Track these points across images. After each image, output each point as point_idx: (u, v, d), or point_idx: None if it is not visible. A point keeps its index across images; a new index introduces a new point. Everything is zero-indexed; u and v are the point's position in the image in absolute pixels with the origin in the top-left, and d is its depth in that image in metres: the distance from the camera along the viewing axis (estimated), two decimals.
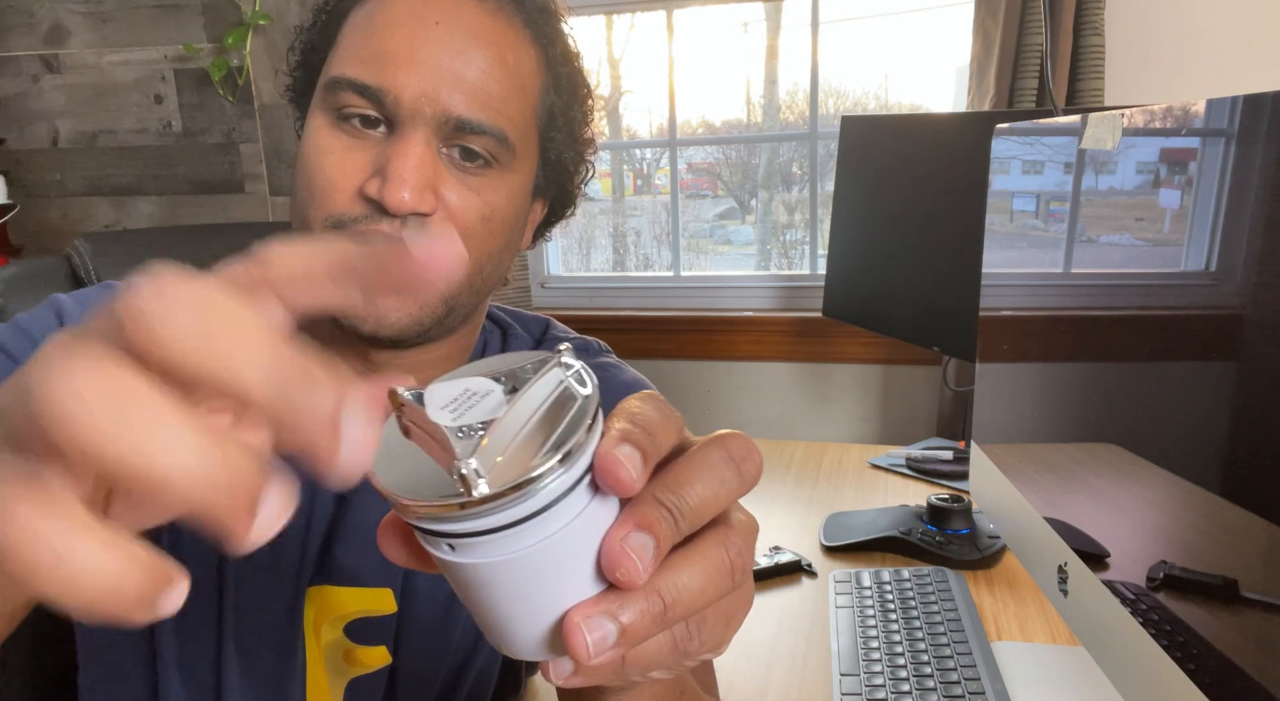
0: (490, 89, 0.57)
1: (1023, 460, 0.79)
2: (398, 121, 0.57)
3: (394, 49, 0.56)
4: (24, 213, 2.13)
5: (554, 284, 2.07)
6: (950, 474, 1.33)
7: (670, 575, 0.27)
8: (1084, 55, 1.51)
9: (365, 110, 0.57)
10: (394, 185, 0.55)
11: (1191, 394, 0.51)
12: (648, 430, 0.26)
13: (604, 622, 0.26)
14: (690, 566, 0.27)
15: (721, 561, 0.27)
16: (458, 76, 0.56)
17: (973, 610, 0.90)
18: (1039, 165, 0.79)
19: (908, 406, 1.84)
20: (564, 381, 0.27)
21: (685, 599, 0.27)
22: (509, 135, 0.59)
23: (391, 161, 0.55)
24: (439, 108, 0.56)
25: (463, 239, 0.59)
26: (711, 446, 0.28)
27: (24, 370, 0.22)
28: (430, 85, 0.56)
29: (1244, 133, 0.47)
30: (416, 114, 0.56)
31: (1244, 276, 0.46)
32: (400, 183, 0.54)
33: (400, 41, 0.56)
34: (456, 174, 0.58)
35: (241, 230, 1.32)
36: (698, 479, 0.27)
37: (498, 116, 0.58)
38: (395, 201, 0.55)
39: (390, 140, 0.57)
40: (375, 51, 0.56)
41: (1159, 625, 0.53)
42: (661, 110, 2.01)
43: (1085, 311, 0.68)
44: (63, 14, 2.07)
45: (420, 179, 0.55)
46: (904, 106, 1.97)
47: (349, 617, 0.66)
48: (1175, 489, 0.52)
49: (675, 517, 0.26)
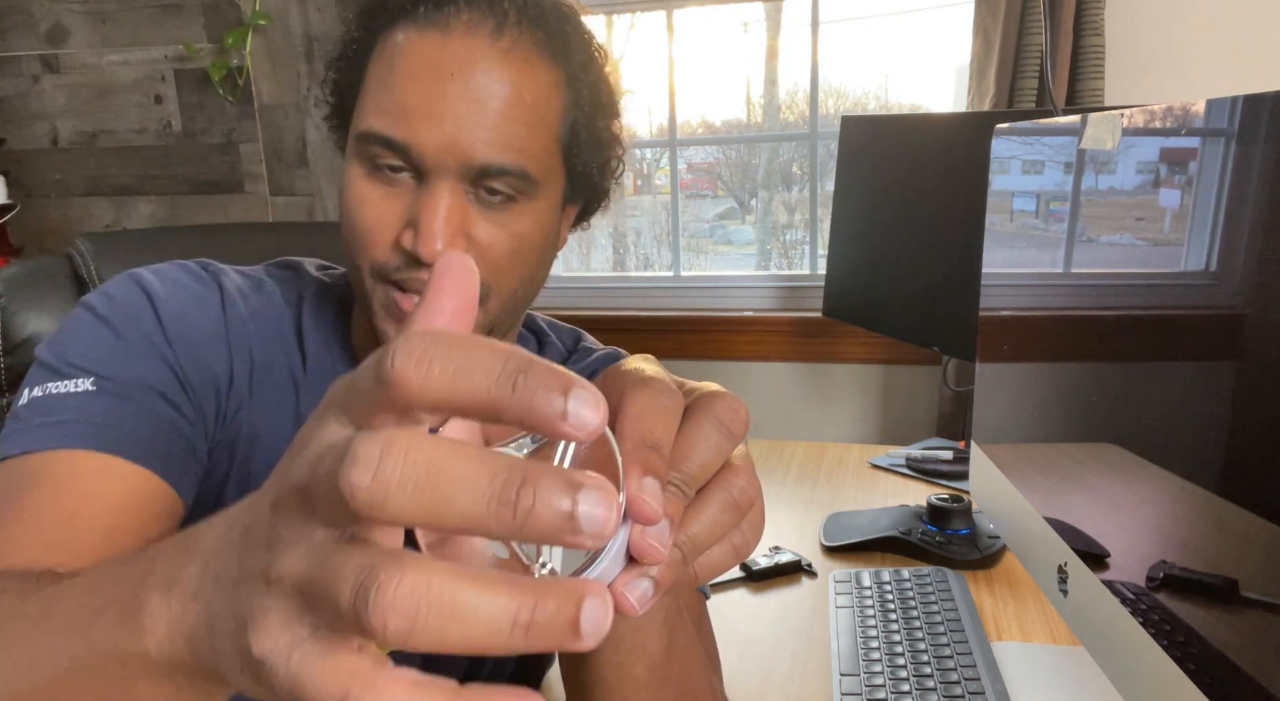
0: (510, 130, 0.60)
1: (1023, 460, 0.79)
2: (424, 171, 0.60)
3: (413, 103, 0.59)
4: (24, 213, 2.14)
5: (554, 284, 2.07)
6: (950, 474, 1.33)
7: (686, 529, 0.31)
8: (1084, 55, 1.51)
9: (395, 161, 0.60)
10: (426, 238, 0.59)
11: (1191, 394, 0.51)
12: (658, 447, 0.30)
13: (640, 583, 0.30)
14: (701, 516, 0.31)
15: (727, 502, 0.32)
16: (476, 125, 0.59)
17: (973, 610, 0.90)
18: (1039, 165, 0.79)
19: (908, 406, 1.84)
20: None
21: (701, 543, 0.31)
22: (530, 171, 0.61)
23: (422, 215, 0.59)
24: (461, 158, 0.59)
25: (495, 271, 0.62)
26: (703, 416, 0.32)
27: (290, 465, 0.25)
28: (450, 137, 0.58)
29: (1244, 133, 0.47)
30: (441, 165, 0.59)
31: (1244, 276, 0.46)
32: (431, 236, 0.59)
33: (418, 96, 0.59)
34: (483, 211, 0.61)
35: (241, 230, 1.32)
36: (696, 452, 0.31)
37: (518, 155, 0.60)
38: (429, 253, 0.59)
39: (419, 190, 0.60)
40: (397, 105, 0.59)
41: (1159, 625, 0.53)
42: (661, 110, 2.01)
43: (1085, 311, 0.68)
44: (63, 14, 2.07)
45: (450, 229, 0.59)
46: (904, 106, 1.97)
47: None
48: (1175, 489, 0.52)
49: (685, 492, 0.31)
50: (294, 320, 0.69)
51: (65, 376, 0.58)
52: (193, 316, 0.63)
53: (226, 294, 0.66)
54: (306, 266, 0.74)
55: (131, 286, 0.63)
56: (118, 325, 0.61)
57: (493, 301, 0.63)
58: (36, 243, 2.17)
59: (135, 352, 0.60)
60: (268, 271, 0.72)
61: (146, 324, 0.61)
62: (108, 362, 0.59)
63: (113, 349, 0.60)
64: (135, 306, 0.62)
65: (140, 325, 0.61)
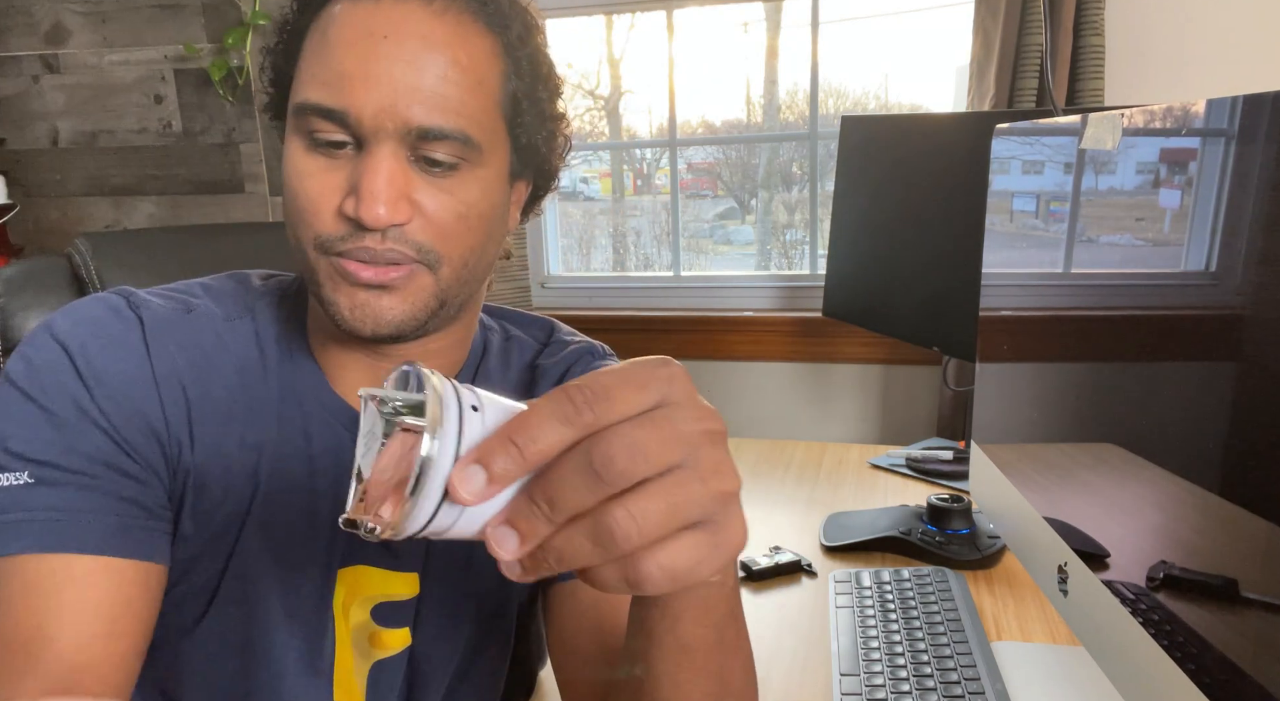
0: (447, 93, 0.59)
1: (1023, 460, 0.79)
2: (363, 139, 0.59)
3: (348, 69, 0.58)
4: (24, 213, 2.13)
5: (554, 284, 2.07)
6: (950, 474, 1.33)
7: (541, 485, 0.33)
8: (1084, 55, 1.51)
9: (333, 135, 0.59)
10: (368, 202, 0.57)
11: (1191, 394, 0.51)
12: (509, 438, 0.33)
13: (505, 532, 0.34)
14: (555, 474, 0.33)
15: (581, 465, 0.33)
16: (413, 87, 0.58)
17: (973, 610, 0.90)
18: (1039, 165, 0.79)
19: (908, 406, 1.84)
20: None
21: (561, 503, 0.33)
22: (472, 135, 0.60)
23: (363, 179, 0.58)
24: (399, 120, 0.58)
25: (442, 239, 0.61)
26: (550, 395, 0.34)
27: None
28: (387, 100, 0.57)
29: (1244, 133, 0.47)
30: (379, 130, 0.58)
31: (1244, 276, 0.46)
32: (373, 199, 0.57)
33: (353, 61, 0.58)
34: (427, 178, 0.60)
35: (241, 230, 1.32)
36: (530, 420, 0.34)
37: (458, 118, 0.59)
38: (371, 217, 0.57)
39: (360, 157, 0.59)
40: (332, 73, 0.58)
41: (1159, 625, 0.53)
42: (661, 110, 2.01)
43: (1085, 311, 0.68)
44: (63, 14, 2.07)
45: (392, 192, 0.58)
46: (904, 106, 1.97)
47: (376, 599, 0.68)
48: (1175, 489, 0.52)
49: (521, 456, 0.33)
50: (252, 334, 0.67)
51: (2, 468, 0.57)
52: (116, 365, 0.61)
53: (149, 330, 0.63)
54: (252, 278, 0.72)
55: (49, 344, 0.61)
56: (42, 399, 0.59)
57: (444, 270, 0.62)
58: (36, 243, 2.16)
59: (66, 427, 0.58)
60: (205, 288, 0.69)
61: (71, 387, 0.59)
62: (40, 448, 0.58)
63: (42, 430, 0.58)
64: (57, 370, 0.60)
65: (65, 391, 0.59)
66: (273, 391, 0.66)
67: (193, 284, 0.70)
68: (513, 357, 0.76)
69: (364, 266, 0.60)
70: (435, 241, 0.61)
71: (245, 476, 0.64)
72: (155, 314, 0.64)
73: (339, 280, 0.61)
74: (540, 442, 0.33)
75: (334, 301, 0.61)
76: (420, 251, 0.60)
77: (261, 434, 0.65)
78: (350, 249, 0.59)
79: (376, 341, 0.63)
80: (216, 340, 0.66)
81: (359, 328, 0.61)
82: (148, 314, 0.64)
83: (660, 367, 0.36)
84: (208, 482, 0.63)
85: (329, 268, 0.61)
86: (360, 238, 0.59)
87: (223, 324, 0.66)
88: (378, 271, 0.60)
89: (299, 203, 0.60)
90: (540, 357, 0.76)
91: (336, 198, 0.59)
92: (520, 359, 0.76)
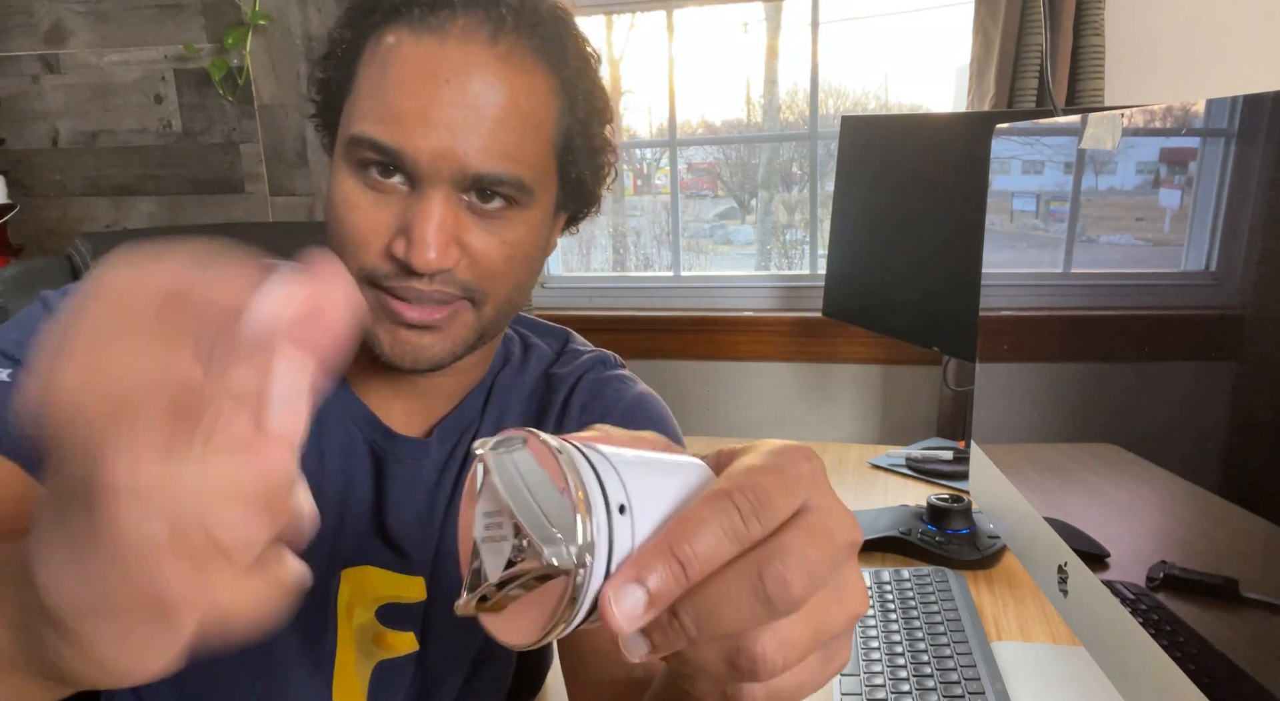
0: (506, 139, 0.58)
1: (1023, 460, 0.79)
2: (417, 179, 0.58)
3: (408, 109, 0.57)
4: (24, 213, 2.13)
5: (554, 284, 2.07)
6: (950, 474, 1.33)
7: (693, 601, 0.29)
8: (1084, 55, 1.51)
9: (386, 165, 0.59)
10: (419, 248, 0.57)
11: (1191, 394, 0.51)
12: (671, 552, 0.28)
13: (637, 641, 0.30)
14: (714, 593, 0.29)
15: (748, 587, 0.28)
16: (472, 132, 0.57)
17: (973, 610, 0.90)
18: (1039, 165, 0.79)
19: (908, 406, 1.84)
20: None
21: (713, 625, 0.28)
22: (526, 179, 0.60)
23: (414, 225, 0.58)
24: (456, 165, 0.57)
25: (489, 278, 0.61)
26: (719, 495, 0.29)
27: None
28: (445, 145, 0.57)
29: (1244, 133, 0.47)
30: (435, 173, 0.57)
31: (1244, 276, 0.46)
32: (424, 246, 0.57)
33: (414, 103, 0.57)
34: (477, 219, 0.60)
35: (241, 230, 1.32)
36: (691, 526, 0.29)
37: (514, 164, 0.59)
38: (421, 262, 0.57)
39: (412, 197, 0.59)
40: (390, 110, 0.58)
41: (1159, 625, 0.53)
42: (661, 110, 2.01)
43: (1085, 311, 0.68)
44: (63, 14, 2.07)
45: (443, 238, 0.58)
46: (904, 106, 1.97)
47: (382, 600, 0.68)
48: (1175, 489, 0.52)
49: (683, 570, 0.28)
50: None
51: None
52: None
53: None
54: None
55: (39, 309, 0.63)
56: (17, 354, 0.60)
57: (487, 308, 0.62)
58: (36, 243, 2.16)
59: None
60: None
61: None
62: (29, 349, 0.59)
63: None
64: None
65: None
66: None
67: None
68: (529, 366, 0.76)
69: (409, 307, 0.60)
70: (481, 281, 0.61)
71: None
72: None
73: (383, 316, 0.61)
74: (704, 561, 0.28)
75: (376, 335, 0.61)
76: (466, 290, 0.61)
77: None
78: (397, 287, 0.59)
79: (414, 374, 0.64)
80: None
81: (399, 363, 0.62)
82: None
83: (803, 462, 0.31)
84: None
85: (374, 301, 0.61)
86: (407, 278, 0.59)
87: None
88: (423, 313, 0.60)
89: (346, 233, 0.60)
90: (555, 366, 0.76)
91: (386, 234, 0.59)
92: (536, 366, 0.76)
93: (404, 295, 0.60)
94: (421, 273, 0.58)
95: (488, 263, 0.61)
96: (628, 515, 0.29)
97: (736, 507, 0.28)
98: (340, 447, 0.67)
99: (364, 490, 0.68)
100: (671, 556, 0.28)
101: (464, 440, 0.71)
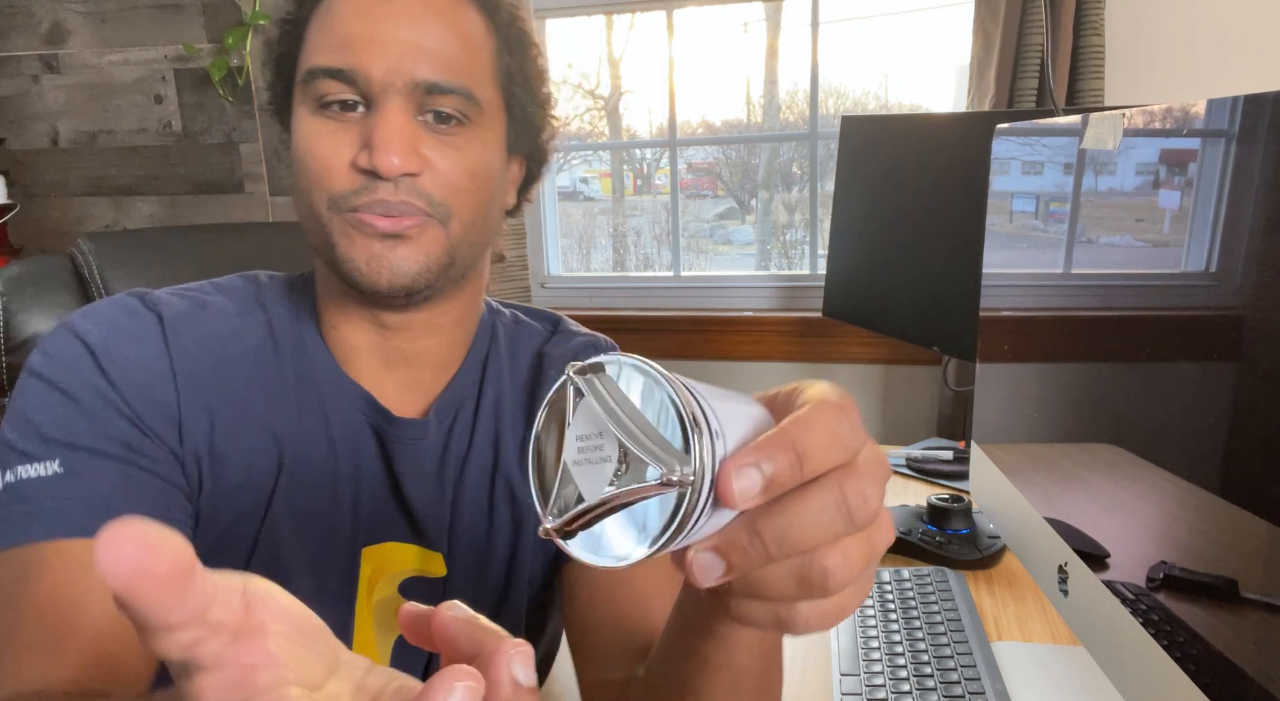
0: (450, 53, 0.63)
1: (1023, 460, 0.79)
2: (373, 98, 0.61)
3: (356, 32, 0.61)
4: (24, 213, 2.14)
5: (554, 284, 2.07)
6: (950, 474, 1.33)
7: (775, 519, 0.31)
8: (1084, 55, 1.51)
9: (343, 95, 0.61)
10: (381, 152, 0.60)
11: (1191, 394, 0.51)
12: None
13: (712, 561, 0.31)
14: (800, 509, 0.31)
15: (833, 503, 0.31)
16: (418, 46, 0.61)
17: (973, 610, 0.90)
18: (1039, 165, 0.79)
19: (908, 406, 1.84)
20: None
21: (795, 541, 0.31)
22: (475, 93, 0.64)
23: (375, 132, 0.60)
24: (407, 77, 0.61)
25: (452, 194, 0.64)
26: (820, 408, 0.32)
27: None
28: (395, 58, 0.61)
29: (1244, 133, 0.47)
30: (389, 87, 0.61)
31: (1244, 276, 0.46)
32: (387, 149, 0.60)
33: (360, 24, 0.61)
34: (435, 136, 0.63)
35: (241, 230, 1.32)
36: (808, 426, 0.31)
37: (462, 76, 0.63)
38: (386, 166, 0.60)
39: (370, 115, 0.62)
40: (339, 38, 0.61)
41: (1159, 625, 0.53)
42: (661, 110, 2.01)
43: (1085, 311, 0.68)
44: (63, 14, 2.07)
45: (404, 142, 0.61)
46: (904, 106, 1.98)
47: (406, 574, 0.70)
48: (1175, 489, 0.53)
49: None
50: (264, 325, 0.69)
51: (32, 457, 0.58)
52: (134, 358, 0.62)
53: (168, 325, 0.65)
54: (260, 276, 0.73)
55: (69, 340, 0.62)
56: (68, 387, 0.60)
57: (454, 224, 0.64)
58: (36, 243, 2.17)
59: (91, 414, 0.60)
60: (216, 286, 0.71)
61: (93, 378, 0.61)
62: (69, 433, 0.59)
63: (69, 416, 0.59)
64: (78, 362, 0.61)
65: (88, 381, 0.60)
66: (289, 379, 0.67)
67: (204, 283, 0.71)
68: (521, 344, 0.77)
69: (379, 218, 0.62)
70: (446, 195, 0.63)
71: (268, 462, 0.66)
72: (172, 309, 0.66)
73: (354, 234, 0.62)
74: (818, 461, 0.30)
75: (349, 257, 0.63)
76: (431, 204, 0.63)
77: (281, 420, 0.66)
78: (365, 202, 0.61)
79: (389, 298, 0.64)
80: (231, 333, 0.67)
81: (375, 280, 0.63)
82: (165, 310, 0.66)
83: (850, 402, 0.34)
84: (228, 470, 0.64)
85: (343, 225, 0.62)
86: (374, 189, 0.61)
87: (236, 318, 0.68)
88: (392, 221, 0.62)
89: (311, 164, 0.62)
90: (547, 345, 0.77)
91: (349, 153, 0.62)
92: (529, 344, 0.77)
93: (372, 208, 0.61)
94: (386, 175, 0.60)
95: (449, 177, 0.63)
96: (721, 439, 0.30)
97: (846, 417, 0.32)
98: (347, 433, 0.68)
99: (375, 470, 0.70)
100: (792, 449, 0.30)
101: (460, 418, 0.72)
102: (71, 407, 0.60)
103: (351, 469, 0.68)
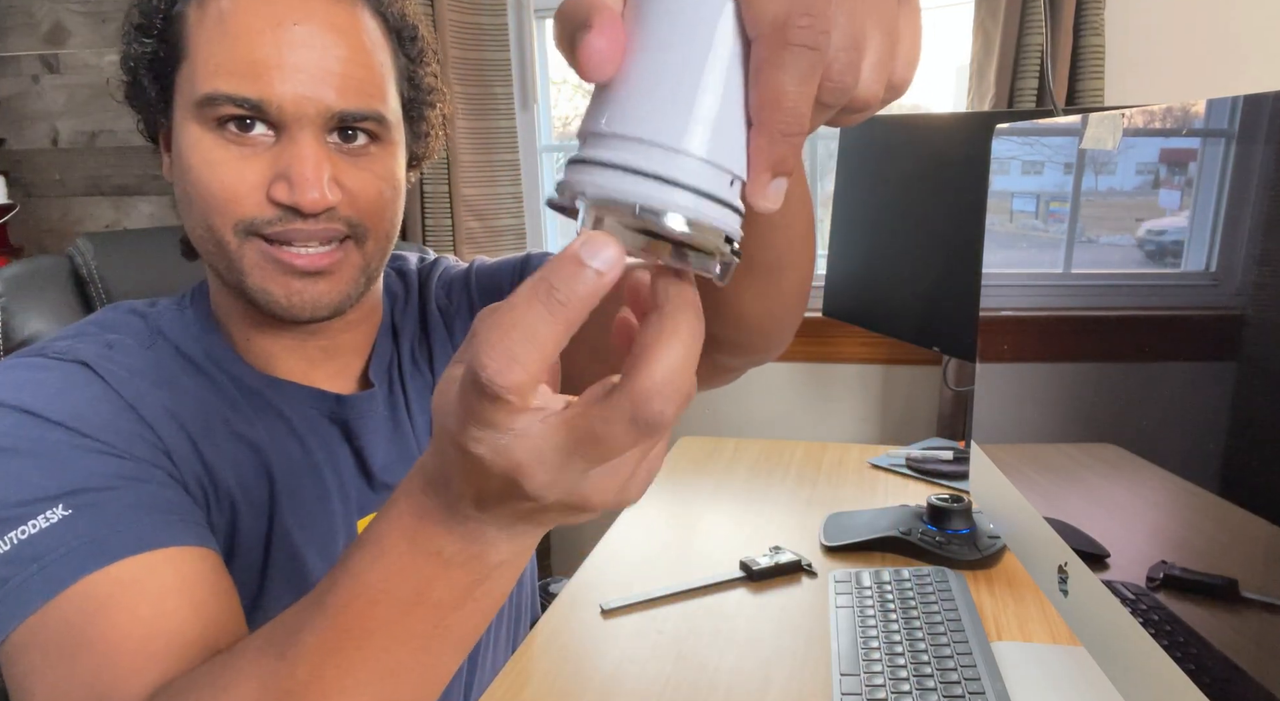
0: (359, 76, 0.61)
1: (1023, 460, 0.79)
2: (282, 126, 0.60)
3: (261, 58, 0.58)
4: (24, 213, 2.13)
5: None
6: (950, 474, 1.33)
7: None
8: (1084, 55, 1.51)
9: (244, 118, 0.59)
10: (302, 189, 0.59)
11: (1191, 394, 0.51)
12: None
13: (777, 185, 0.29)
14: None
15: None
16: (329, 72, 0.60)
17: (973, 610, 0.90)
18: (1039, 165, 0.79)
19: (908, 406, 1.84)
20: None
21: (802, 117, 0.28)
22: (384, 114, 0.63)
23: (292, 167, 0.59)
24: (320, 106, 0.60)
25: (369, 215, 0.64)
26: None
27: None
28: (307, 87, 0.59)
29: (1244, 133, 0.47)
30: (300, 117, 0.59)
31: (1244, 276, 0.46)
32: (307, 185, 0.59)
33: (266, 51, 0.58)
34: (347, 159, 0.63)
35: None
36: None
37: (372, 99, 0.62)
38: (309, 203, 0.59)
39: (281, 144, 0.60)
40: (242, 63, 0.58)
41: (1159, 625, 0.53)
42: None
43: (1085, 311, 0.68)
44: (63, 14, 2.07)
45: (322, 176, 0.60)
46: (904, 106, 1.97)
47: None
48: (1175, 489, 0.53)
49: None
50: (173, 350, 0.66)
51: (22, 520, 0.51)
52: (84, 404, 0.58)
53: (95, 366, 0.60)
54: (136, 306, 0.69)
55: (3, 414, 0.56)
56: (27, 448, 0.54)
57: (369, 244, 0.65)
58: (36, 243, 2.16)
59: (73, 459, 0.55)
60: (100, 325, 0.66)
61: (52, 434, 0.55)
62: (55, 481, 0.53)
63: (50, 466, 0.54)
64: (24, 426, 0.55)
65: (47, 437, 0.55)
66: (228, 390, 0.67)
67: (83, 326, 0.66)
68: (411, 290, 0.81)
69: (298, 254, 0.61)
70: (363, 217, 0.63)
71: (255, 467, 0.66)
72: (87, 353, 0.62)
73: (271, 269, 0.62)
74: (803, 117, 0.28)
75: (267, 291, 0.62)
76: (350, 226, 0.63)
77: (247, 427, 0.67)
78: (283, 232, 0.61)
79: (313, 322, 0.65)
80: (150, 363, 0.64)
81: (298, 314, 0.63)
82: (82, 355, 0.61)
83: None
84: (223, 481, 0.64)
85: (257, 255, 0.61)
86: (293, 221, 0.60)
87: (145, 350, 0.65)
88: (312, 259, 0.62)
89: (214, 188, 0.60)
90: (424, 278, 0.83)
91: (259, 181, 0.60)
92: (415, 283, 0.82)
93: (290, 237, 0.61)
94: (309, 212, 0.60)
95: (366, 198, 0.63)
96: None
97: (806, 49, 0.26)
98: (309, 426, 0.70)
99: (344, 452, 0.71)
100: (780, 138, 0.27)
101: (395, 377, 0.76)
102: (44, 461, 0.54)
103: (326, 456, 0.70)
